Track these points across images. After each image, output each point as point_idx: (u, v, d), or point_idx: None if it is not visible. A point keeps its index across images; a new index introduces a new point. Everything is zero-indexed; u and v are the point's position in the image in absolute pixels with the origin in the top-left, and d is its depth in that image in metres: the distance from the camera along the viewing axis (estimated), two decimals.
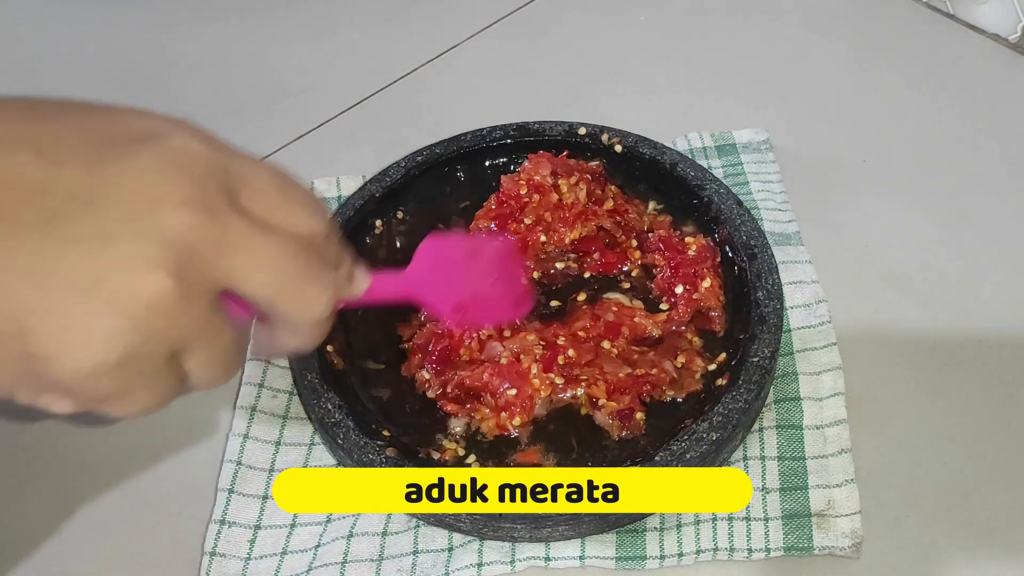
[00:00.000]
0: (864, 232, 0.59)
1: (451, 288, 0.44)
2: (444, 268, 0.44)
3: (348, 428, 0.47)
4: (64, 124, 0.28)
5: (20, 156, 0.27)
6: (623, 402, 0.49)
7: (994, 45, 0.71)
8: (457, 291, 0.45)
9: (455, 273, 0.45)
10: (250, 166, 0.31)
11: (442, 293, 0.44)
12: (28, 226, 0.26)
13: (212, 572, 0.46)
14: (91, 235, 0.26)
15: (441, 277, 0.44)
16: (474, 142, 0.61)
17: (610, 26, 0.77)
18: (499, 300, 0.48)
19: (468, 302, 0.46)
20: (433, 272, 0.43)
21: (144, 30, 0.81)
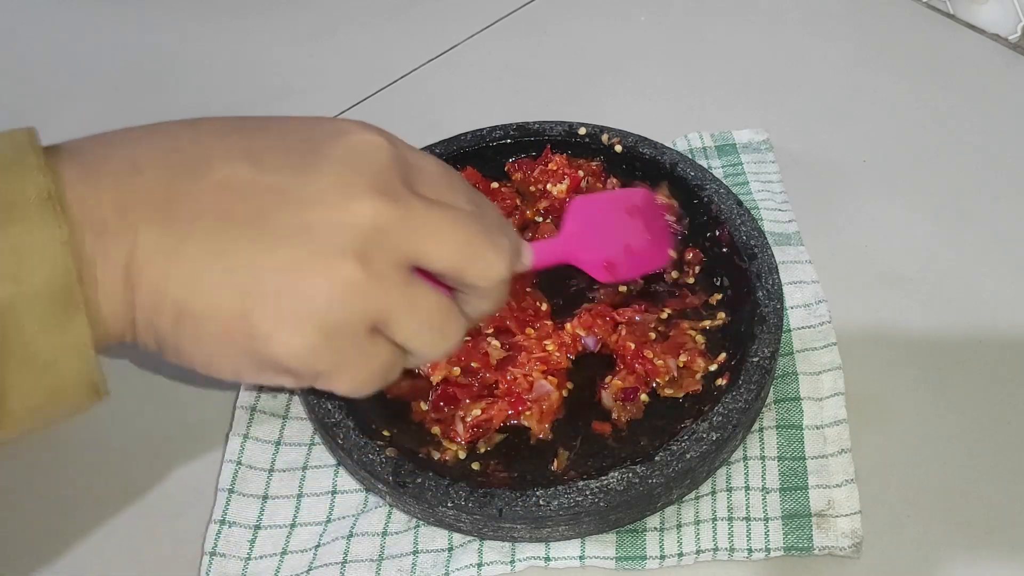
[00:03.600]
0: (864, 232, 0.59)
1: (603, 245, 0.47)
2: (594, 226, 0.47)
3: (348, 428, 0.47)
4: (269, 136, 0.33)
5: (237, 165, 0.31)
6: (628, 381, 0.49)
7: (994, 45, 0.71)
8: (609, 247, 0.47)
9: (605, 229, 0.48)
10: (419, 156, 0.35)
11: (595, 251, 0.46)
12: (245, 222, 0.31)
13: (212, 572, 0.46)
14: (295, 227, 0.31)
15: (592, 236, 0.47)
16: (474, 142, 0.61)
17: (610, 26, 0.77)
18: (647, 249, 0.51)
19: (619, 256, 0.48)
20: (584, 232, 0.46)
21: (144, 30, 0.81)
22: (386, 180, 0.32)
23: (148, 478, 0.51)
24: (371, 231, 0.31)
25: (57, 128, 0.80)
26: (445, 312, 0.34)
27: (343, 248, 0.31)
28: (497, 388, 0.50)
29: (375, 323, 0.32)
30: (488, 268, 0.34)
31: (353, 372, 0.33)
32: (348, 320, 0.31)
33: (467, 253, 0.33)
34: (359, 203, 0.31)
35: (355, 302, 0.31)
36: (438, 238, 0.33)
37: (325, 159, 0.32)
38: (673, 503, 0.47)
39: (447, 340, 0.34)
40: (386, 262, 0.31)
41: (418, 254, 0.32)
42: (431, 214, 0.33)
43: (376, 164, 0.33)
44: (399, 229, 0.32)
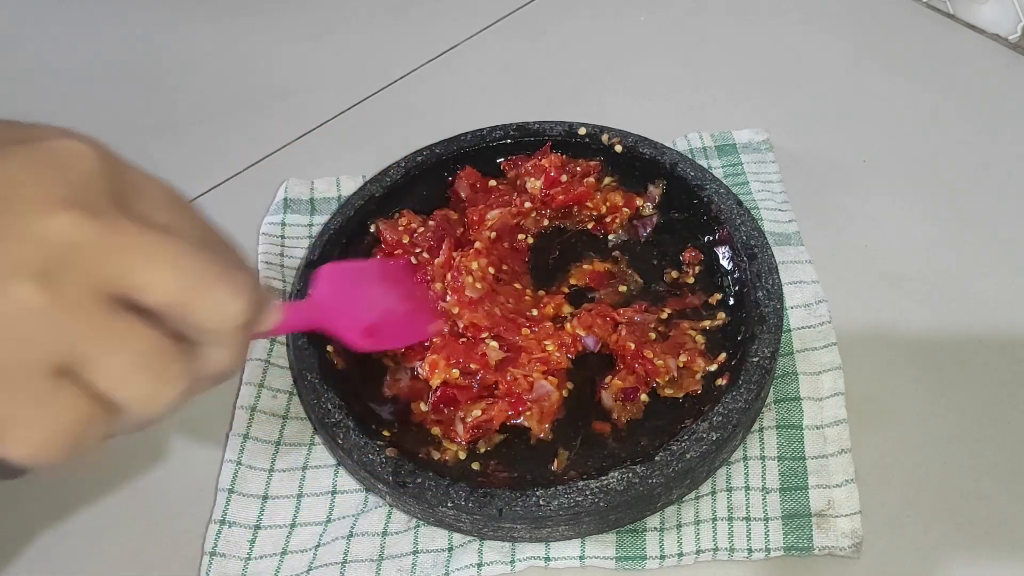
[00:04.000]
0: (864, 232, 0.59)
1: (357, 312, 0.44)
2: (346, 293, 0.44)
3: (348, 428, 0.47)
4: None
5: None
6: (629, 381, 0.49)
7: (994, 45, 0.71)
8: (364, 315, 0.44)
9: (358, 297, 0.45)
10: (144, 177, 0.28)
11: (349, 318, 0.43)
12: None
13: (212, 572, 0.46)
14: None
15: (345, 302, 0.43)
16: (474, 142, 0.61)
17: (610, 26, 0.77)
18: (409, 319, 0.48)
19: (378, 324, 0.45)
20: (336, 298, 0.43)
21: (144, 30, 0.81)
22: (88, 192, 0.26)
23: (148, 478, 0.51)
24: (60, 249, 0.24)
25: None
26: (163, 350, 0.26)
27: (18, 265, 0.24)
28: (497, 389, 0.50)
29: (62, 364, 0.25)
30: (220, 305, 0.27)
31: (28, 429, 0.25)
32: (21, 357, 0.24)
33: (192, 285, 0.26)
34: (47, 215, 0.24)
35: (31, 335, 0.24)
36: (153, 264, 0.26)
37: (10, 161, 0.26)
38: (673, 503, 0.47)
39: (167, 386, 0.26)
40: (80, 288, 0.25)
41: (125, 283, 0.25)
42: (144, 236, 0.26)
43: (77, 173, 0.26)
44: (100, 250, 0.25)
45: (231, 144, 0.70)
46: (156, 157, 0.70)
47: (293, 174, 0.64)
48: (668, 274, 0.55)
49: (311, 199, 0.63)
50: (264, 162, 0.68)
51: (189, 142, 0.70)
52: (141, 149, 0.70)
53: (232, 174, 0.67)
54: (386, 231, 0.56)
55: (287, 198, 0.62)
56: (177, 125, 0.72)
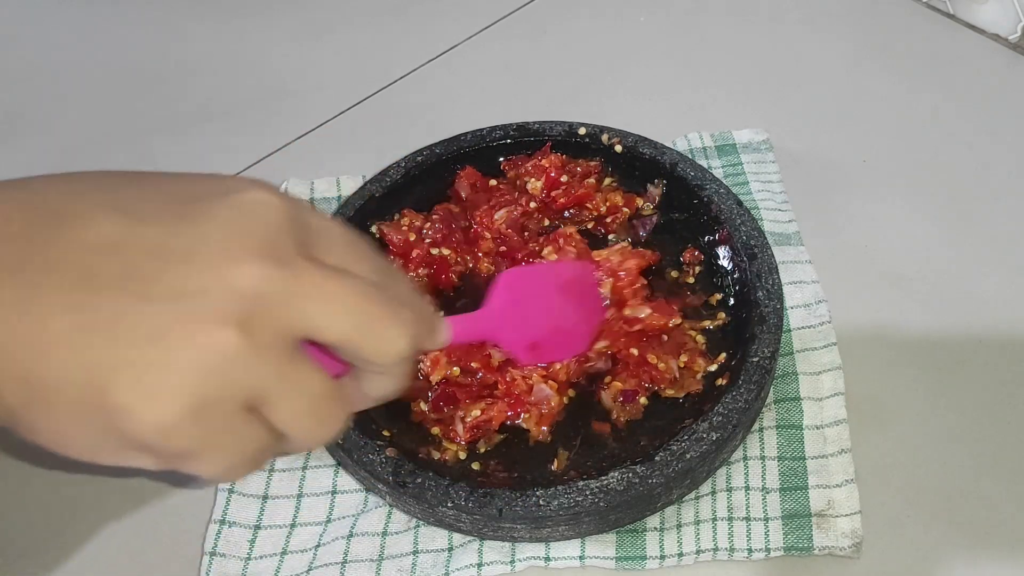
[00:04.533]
0: (864, 232, 0.59)
1: (530, 323, 0.44)
2: (522, 302, 0.44)
3: (348, 428, 0.47)
4: (144, 190, 0.30)
5: (100, 218, 0.28)
6: (629, 383, 0.49)
7: (994, 45, 0.71)
8: (536, 326, 0.45)
9: (534, 306, 0.45)
10: (323, 219, 0.32)
11: (521, 330, 0.43)
12: (108, 283, 0.27)
13: (212, 572, 0.46)
14: (165, 291, 0.27)
15: (519, 312, 0.44)
16: (474, 142, 0.61)
17: (610, 26, 0.77)
18: (574, 332, 0.48)
19: (543, 339, 0.45)
20: (511, 309, 0.43)
21: (144, 30, 0.81)
22: (276, 242, 0.29)
23: (148, 478, 0.51)
24: (255, 298, 0.28)
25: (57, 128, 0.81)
26: (327, 399, 0.30)
27: (223, 315, 0.27)
28: (496, 388, 0.50)
29: (251, 402, 0.28)
30: (387, 344, 0.30)
31: (222, 455, 0.29)
32: (222, 396, 0.28)
33: (363, 326, 0.30)
34: (242, 266, 0.28)
35: (232, 376, 0.27)
36: (330, 308, 0.29)
37: (207, 217, 0.29)
38: (673, 503, 0.47)
39: (325, 429, 0.31)
40: (271, 333, 0.28)
41: (307, 325, 0.29)
42: (324, 282, 0.29)
43: (266, 225, 0.29)
44: (287, 297, 0.28)
45: (231, 144, 0.70)
46: (157, 157, 0.70)
47: (293, 174, 0.64)
48: (668, 274, 0.55)
49: (311, 199, 0.63)
50: (264, 162, 0.68)
51: (190, 142, 0.70)
52: (142, 149, 0.71)
53: (232, 174, 0.67)
54: (390, 233, 0.56)
55: None
56: (177, 125, 0.72)
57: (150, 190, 0.30)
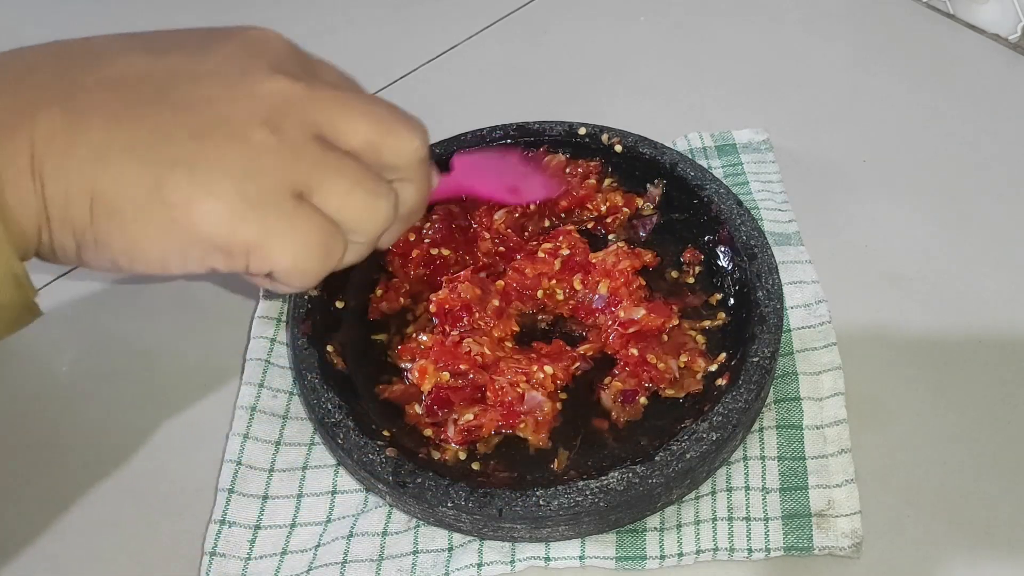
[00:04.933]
0: (864, 232, 0.59)
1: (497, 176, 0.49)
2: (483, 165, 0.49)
3: (348, 428, 0.47)
4: (162, 36, 0.35)
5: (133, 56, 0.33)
6: (628, 383, 0.49)
7: (994, 45, 0.71)
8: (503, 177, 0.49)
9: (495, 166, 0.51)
10: (317, 60, 0.36)
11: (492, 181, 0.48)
12: (148, 99, 0.31)
13: (212, 572, 0.46)
14: (200, 100, 0.31)
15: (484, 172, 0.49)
16: (474, 142, 0.60)
17: (610, 26, 0.77)
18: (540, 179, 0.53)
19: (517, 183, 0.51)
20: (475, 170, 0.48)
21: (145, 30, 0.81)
22: (286, 64, 0.33)
23: (148, 478, 0.51)
24: (278, 103, 0.31)
25: None
26: (368, 175, 0.33)
27: (250, 117, 0.31)
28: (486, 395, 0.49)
29: (298, 189, 0.31)
30: (406, 143, 0.34)
31: (287, 242, 0.31)
32: (268, 185, 0.30)
33: (381, 127, 0.33)
34: (262, 79, 0.32)
35: (272, 166, 0.31)
36: (349, 112, 0.33)
37: (222, 47, 0.34)
38: (673, 503, 0.47)
39: (380, 201, 0.33)
40: (298, 131, 0.31)
41: (330, 127, 0.32)
42: (338, 92, 0.33)
43: (275, 51, 0.34)
44: (307, 103, 0.32)
45: None
46: None
47: None
48: (668, 274, 0.55)
49: None
50: None
51: None
52: None
53: None
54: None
55: None
56: None
57: (164, 36, 0.35)
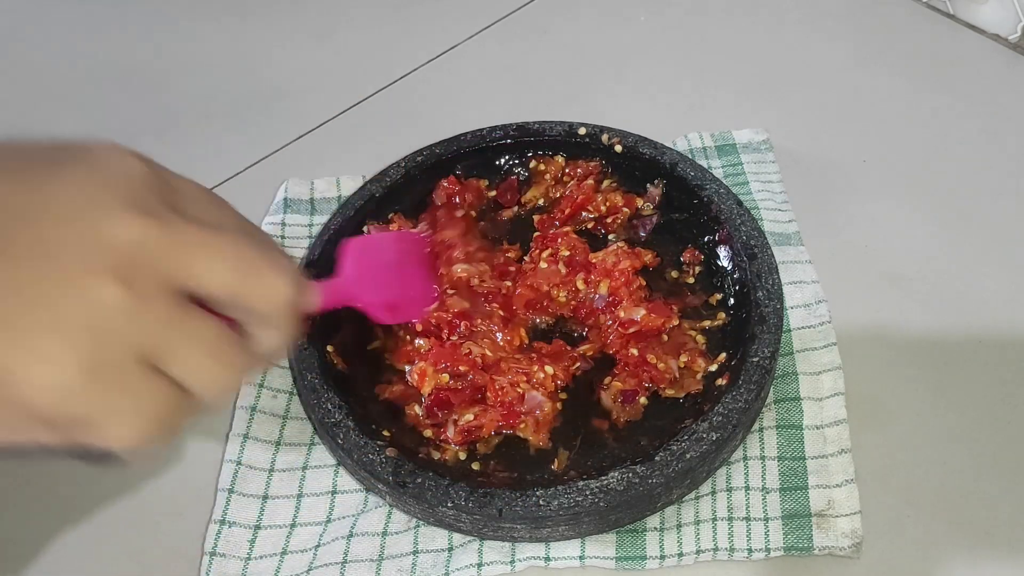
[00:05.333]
0: (864, 232, 0.59)
1: (381, 287, 0.47)
2: (370, 267, 0.46)
3: (348, 428, 0.47)
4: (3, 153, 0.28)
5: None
6: (628, 383, 0.49)
7: (994, 45, 0.71)
8: (386, 289, 0.47)
9: (381, 271, 0.47)
10: (183, 180, 0.31)
11: (373, 293, 0.46)
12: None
13: (212, 572, 0.46)
14: (36, 249, 0.26)
15: (369, 277, 0.46)
16: (474, 142, 0.61)
17: (610, 26, 0.77)
18: (423, 289, 0.51)
19: (398, 299, 0.48)
20: (361, 274, 0.45)
21: (144, 30, 0.81)
22: (142, 197, 0.28)
23: (148, 478, 0.51)
24: (131, 249, 0.27)
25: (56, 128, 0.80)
26: (226, 339, 0.29)
27: (101, 267, 0.26)
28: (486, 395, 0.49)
29: (146, 355, 0.27)
30: (271, 289, 0.30)
31: (124, 418, 0.27)
32: (112, 352, 0.26)
33: (245, 273, 0.29)
34: (114, 219, 0.27)
35: (120, 329, 0.26)
36: (210, 257, 0.28)
37: (70, 174, 0.28)
38: (673, 503, 0.47)
39: (232, 371, 0.29)
40: (153, 284, 0.27)
41: (188, 276, 0.28)
42: (198, 233, 0.28)
43: (130, 179, 0.28)
44: (164, 248, 0.27)
45: (231, 144, 0.70)
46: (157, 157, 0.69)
47: (293, 174, 0.64)
48: (668, 274, 0.55)
49: (311, 199, 0.63)
50: (264, 162, 0.68)
51: (189, 142, 0.70)
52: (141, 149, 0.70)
53: (232, 174, 0.67)
54: None
55: (287, 198, 0.62)
56: (177, 125, 0.72)
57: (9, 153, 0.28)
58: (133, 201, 0.28)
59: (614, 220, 0.58)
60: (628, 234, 0.57)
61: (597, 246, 0.56)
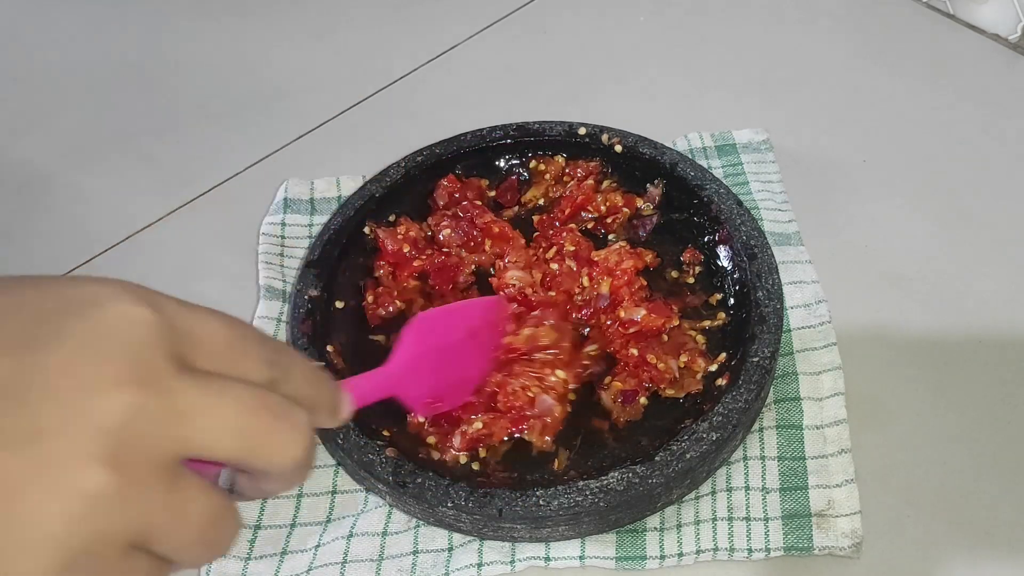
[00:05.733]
0: (864, 232, 0.59)
1: (430, 379, 0.44)
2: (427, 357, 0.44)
3: (348, 428, 0.47)
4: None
5: None
6: (628, 383, 0.49)
7: (994, 45, 0.71)
8: (435, 380, 0.45)
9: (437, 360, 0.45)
10: (195, 320, 0.28)
11: (421, 386, 0.44)
12: None
13: (212, 572, 0.46)
14: (18, 434, 0.24)
15: (422, 368, 0.44)
16: (474, 142, 0.61)
17: (610, 26, 0.77)
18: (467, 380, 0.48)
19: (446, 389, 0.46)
20: (415, 365, 0.43)
21: (144, 30, 0.81)
22: (143, 361, 0.26)
23: None
24: (123, 427, 0.25)
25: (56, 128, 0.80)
26: (218, 519, 0.28)
27: (88, 454, 0.24)
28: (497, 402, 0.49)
29: (135, 540, 0.26)
30: (278, 453, 0.28)
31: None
32: (99, 545, 0.25)
33: (251, 439, 0.28)
34: (105, 396, 0.25)
35: (108, 520, 0.25)
36: (213, 427, 0.27)
37: (60, 341, 0.26)
38: (673, 503, 0.47)
39: (218, 551, 0.28)
40: (146, 465, 0.25)
41: (188, 446, 0.26)
42: (203, 399, 0.27)
43: (129, 343, 0.26)
44: (161, 423, 0.26)
45: (231, 144, 0.70)
46: (156, 157, 0.70)
47: (293, 174, 0.64)
48: (668, 274, 0.55)
49: (311, 199, 0.63)
50: (264, 162, 0.68)
51: (189, 142, 0.70)
52: (141, 149, 0.71)
53: (232, 174, 0.67)
54: (387, 240, 0.56)
55: (287, 198, 0.62)
56: (177, 125, 0.72)
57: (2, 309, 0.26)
58: (131, 370, 0.26)
59: (614, 220, 0.58)
60: (628, 234, 0.57)
61: (597, 246, 0.56)
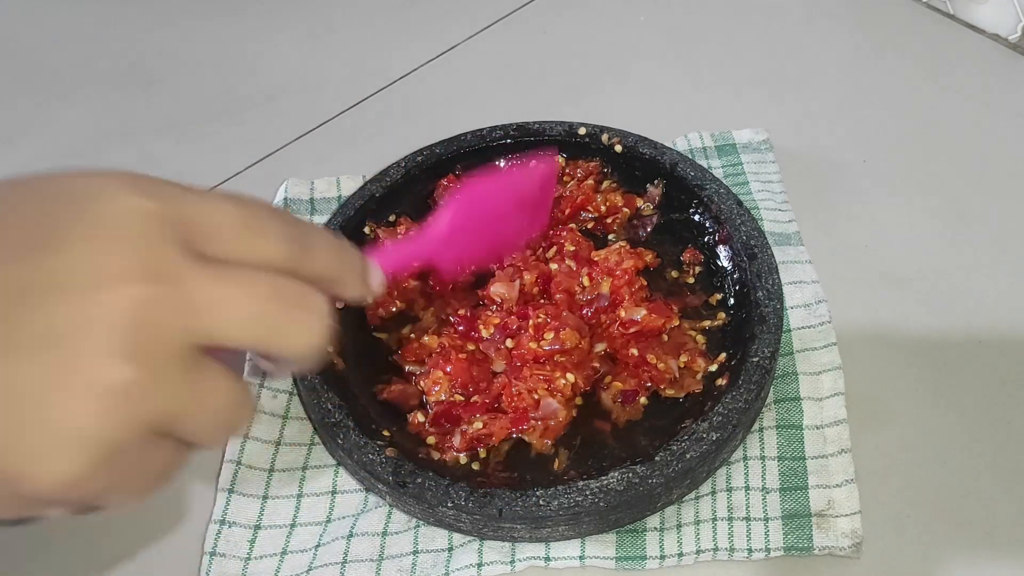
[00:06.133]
0: (864, 232, 0.59)
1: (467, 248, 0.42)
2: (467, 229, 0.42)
3: (348, 428, 0.47)
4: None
5: None
6: (629, 384, 0.49)
7: (994, 45, 0.71)
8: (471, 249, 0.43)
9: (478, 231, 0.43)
10: (203, 205, 0.28)
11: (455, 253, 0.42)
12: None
13: (212, 572, 0.46)
14: (37, 337, 0.24)
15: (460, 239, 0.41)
16: (474, 142, 0.61)
17: (610, 26, 0.77)
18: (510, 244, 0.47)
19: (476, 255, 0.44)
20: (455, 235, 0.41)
21: (144, 30, 0.81)
22: (152, 253, 0.26)
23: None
24: (136, 322, 0.25)
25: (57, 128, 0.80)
26: (237, 402, 0.28)
27: (108, 351, 0.25)
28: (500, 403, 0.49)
29: (156, 427, 0.26)
30: (294, 340, 0.28)
31: (132, 486, 0.27)
32: (128, 435, 0.25)
33: (265, 327, 0.27)
34: (118, 290, 0.25)
35: (135, 411, 0.25)
36: (227, 312, 0.26)
37: (68, 240, 0.25)
38: (673, 503, 0.47)
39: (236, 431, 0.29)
40: (166, 353, 0.26)
41: (205, 333, 0.26)
42: (215, 286, 0.26)
43: (136, 235, 0.26)
44: (173, 311, 0.26)
45: (231, 144, 0.70)
46: (156, 157, 0.70)
47: (293, 174, 0.64)
48: (668, 274, 0.55)
49: (311, 199, 0.63)
50: (264, 162, 0.68)
51: (189, 142, 0.70)
52: (141, 149, 0.71)
53: (232, 174, 0.67)
54: (387, 240, 0.56)
55: (287, 198, 0.62)
56: (177, 125, 0.72)
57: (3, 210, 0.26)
58: (141, 263, 0.26)
59: (614, 220, 0.58)
60: (628, 234, 0.57)
61: (597, 246, 0.56)
